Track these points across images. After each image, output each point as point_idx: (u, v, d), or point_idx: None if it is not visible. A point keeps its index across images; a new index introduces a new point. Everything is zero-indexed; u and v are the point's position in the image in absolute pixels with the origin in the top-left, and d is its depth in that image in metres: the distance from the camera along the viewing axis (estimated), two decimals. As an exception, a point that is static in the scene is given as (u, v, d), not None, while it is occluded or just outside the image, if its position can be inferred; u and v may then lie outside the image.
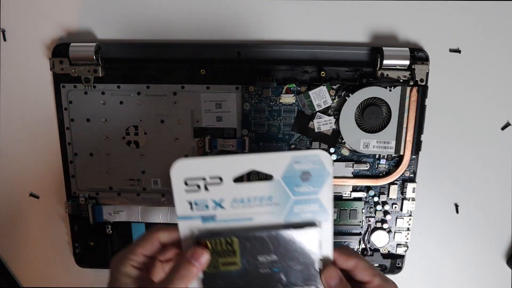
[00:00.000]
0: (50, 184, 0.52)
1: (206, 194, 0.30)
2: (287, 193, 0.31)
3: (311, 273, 0.32)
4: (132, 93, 0.47)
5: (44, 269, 0.55)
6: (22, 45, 0.48)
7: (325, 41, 0.48)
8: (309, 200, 0.31)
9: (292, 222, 0.31)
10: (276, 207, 0.31)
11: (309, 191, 0.31)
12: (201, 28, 0.48)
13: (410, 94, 0.46)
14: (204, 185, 0.30)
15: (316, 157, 0.30)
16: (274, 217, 0.31)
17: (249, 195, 0.31)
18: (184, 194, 0.30)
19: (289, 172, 0.30)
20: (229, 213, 0.31)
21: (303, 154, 0.30)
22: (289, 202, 0.31)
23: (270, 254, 0.31)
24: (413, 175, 0.49)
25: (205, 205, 0.31)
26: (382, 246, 0.51)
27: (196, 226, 0.31)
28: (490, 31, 0.47)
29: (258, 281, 0.32)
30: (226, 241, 0.31)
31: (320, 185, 0.31)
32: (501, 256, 0.54)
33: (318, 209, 0.31)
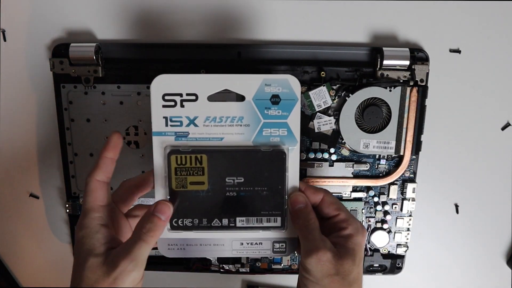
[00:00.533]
0: (50, 184, 0.52)
1: (181, 111, 0.32)
2: (257, 115, 0.32)
3: (277, 201, 0.33)
4: (132, 93, 0.47)
5: (44, 269, 0.55)
6: (22, 45, 0.48)
7: (325, 41, 0.48)
8: (278, 124, 0.32)
9: (261, 144, 0.33)
10: (246, 128, 0.32)
11: (278, 114, 0.32)
12: (201, 28, 0.48)
13: (410, 94, 0.46)
14: (180, 101, 0.31)
15: (285, 81, 0.32)
16: (243, 137, 0.33)
17: (221, 114, 0.32)
18: (161, 109, 0.32)
19: (260, 94, 0.32)
20: (201, 131, 0.32)
21: (273, 78, 0.31)
22: (259, 124, 0.32)
23: (238, 175, 0.32)
24: (413, 175, 0.49)
25: (179, 121, 0.32)
26: (382, 246, 0.51)
27: (169, 142, 0.32)
28: (490, 31, 0.47)
29: (224, 205, 0.33)
30: (196, 157, 0.32)
31: (289, 110, 0.32)
32: (501, 256, 0.54)
33: (285, 133, 0.33)
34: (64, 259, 0.54)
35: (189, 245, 0.34)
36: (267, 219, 0.33)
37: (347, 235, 0.33)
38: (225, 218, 0.33)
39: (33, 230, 0.54)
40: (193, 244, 0.34)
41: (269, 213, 0.33)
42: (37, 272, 0.55)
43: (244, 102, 0.32)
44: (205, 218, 0.33)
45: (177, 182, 0.32)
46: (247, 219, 0.33)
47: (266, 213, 0.33)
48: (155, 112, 0.32)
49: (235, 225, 0.33)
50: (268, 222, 0.34)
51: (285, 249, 0.35)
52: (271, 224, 0.34)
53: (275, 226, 0.34)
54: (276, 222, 0.34)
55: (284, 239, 0.35)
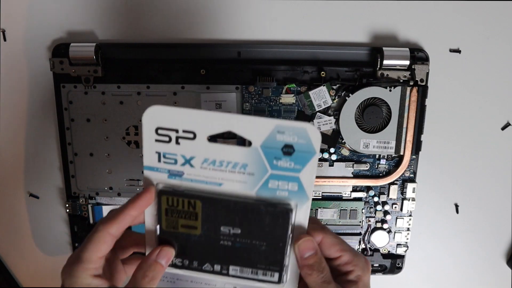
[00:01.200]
0: (50, 184, 0.52)
1: (177, 148, 0.28)
2: (264, 165, 0.27)
3: (277, 258, 0.30)
4: (132, 93, 0.47)
5: (44, 269, 0.55)
6: (22, 45, 0.48)
7: (325, 41, 0.48)
8: (288, 177, 0.28)
9: (265, 196, 0.28)
10: (250, 177, 0.28)
11: (289, 167, 0.27)
12: (201, 28, 0.48)
13: (410, 94, 0.46)
14: (176, 137, 0.27)
15: (303, 130, 0.26)
16: (245, 187, 0.28)
17: (222, 158, 0.28)
18: (153, 143, 0.28)
19: (270, 142, 0.27)
20: (198, 173, 0.28)
21: (289, 125, 0.26)
22: (265, 175, 0.28)
23: (234, 226, 0.29)
24: (413, 175, 0.49)
25: (174, 159, 0.28)
26: (382, 246, 0.51)
27: (162, 179, 0.29)
28: (490, 31, 0.47)
29: (216, 252, 0.30)
30: (189, 202, 0.29)
31: (303, 163, 0.27)
32: (501, 256, 0.54)
33: (296, 189, 0.28)
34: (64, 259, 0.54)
35: (179, 280, 0.33)
36: (263, 273, 0.30)
37: (356, 278, 0.30)
38: (217, 264, 0.30)
39: (33, 230, 0.54)
40: (183, 279, 0.33)
41: (266, 267, 0.30)
42: (37, 272, 0.55)
43: (250, 148, 0.27)
44: (196, 261, 0.30)
45: (167, 223, 0.29)
46: (241, 269, 0.30)
47: (262, 266, 0.30)
48: (147, 146, 0.28)
49: (228, 273, 0.30)
50: (264, 276, 0.30)
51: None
52: (267, 278, 0.30)
53: (271, 281, 0.30)
54: (273, 277, 0.30)
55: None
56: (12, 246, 0.54)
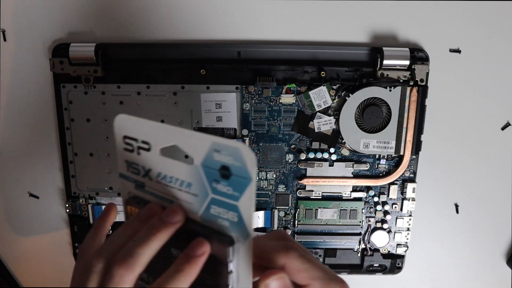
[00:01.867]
0: (50, 184, 0.52)
1: (138, 158, 0.28)
2: (205, 187, 0.26)
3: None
4: (132, 93, 0.47)
5: (44, 269, 0.55)
6: (22, 45, 0.48)
7: (325, 41, 0.48)
8: (227, 204, 0.25)
9: (208, 222, 0.26)
10: (194, 198, 0.26)
11: (227, 192, 0.25)
12: (201, 28, 0.48)
13: (410, 94, 0.46)
14: (137, 147, 0.28)
15: (236, 150, 0.23)
16: (191, 208, 0.27)
17: (171, 174, 0.27)
18: (122, 151, 0.28)
19: (209, 161, 0.25)
20: (155, 186, 0.28)
21: (223, 143, 0.24)
22: (207, 198, 0.26)
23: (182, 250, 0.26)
24: (413, 175, 0.49)
25: (137, 169, 0.28)
26: (382, 246, 0.51)
27: (131, 189, 0.29)
28: (490, 31, 0.47)
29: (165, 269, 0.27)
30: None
31: (240, 190, 0.24)
32: (501, 256, 0.54)
33: (236, 220, 0.25)
34: (64, 259, 0.54)
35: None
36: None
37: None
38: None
39: (33, 230, 0.54)
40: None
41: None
42: (37, 272, 0.55)
43: (192, 165, 0.25)
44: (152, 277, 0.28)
45: None
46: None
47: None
48: (118, 153, 0.29)
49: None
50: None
51: None
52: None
53: None
54: None
55: None
56: (12, 246, 0.54)
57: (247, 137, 0.48)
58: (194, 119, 0.48)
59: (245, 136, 0.48)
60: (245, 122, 0.48)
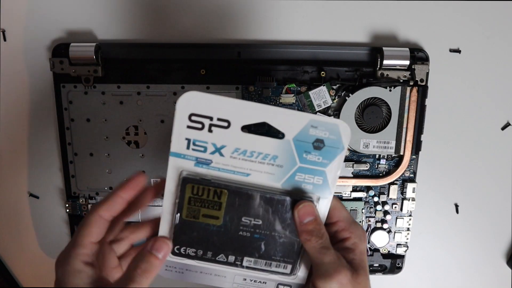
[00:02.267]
0: (50, 184, 0.52)
1: (208, 136, 0.27)
2: (294, 158, 0.28)
3: (294, 250, 0.30)
4: (132, 93, 0.47)
5: (44, 269, 0.55)
6: (22, 45, 0.48)
7: (325, 41, 0.48)
8: (315, 171, 0.28)
9: (290, 189, 0.29)
10: (278, 169, 0.28)
11: (317, 161, 0.28)
12: (201, 28, 0.48)
13: (410, 94, 0.46)
14: (209, 125, 0.27)
15: (335, 126, 0.27)
16: (272, 178, 0.29)
17: (253, 149, 0.28)
18: (184, 129, 0.27)
19: (302, 136, 0.27)
20: (227, 162, 0.28)
21: (323, 120, 0.27)
22: (294, 168, 0.28)
23: (256, 217, 0.29)
24: (413, 175, 0.49)
25: (204, 147, 0.28)
26: (382, 246, 0.51)
27: (187, 167, 0.28)
28: (490, 31, 0.47)
29: (234, 243, 0.30)
30: (215, 191, 0.28)
31: (330, 158, 0.28)
32: (501, 256, 0.54)
33: (320, 183, 0.29)
34: (64, 259, 0.54)
35: (189, 270, 0.32)
36: (276, 265, 0.31)
37: (352, 245, 0.30)
38: (232, 255, 0.30)
39: (33, 230, 0.54)
40: (192, 270, 0.32)
41: (280, 259, 0.30)
42: (37, 272, 0.55)
43: (282, 140, 0.27)
44: (211, 252, 0.30)
45: (189, 212, 0.29)
46: (255, 260, 0.31)
47: (277, 258, 0.30)
48: (177, 132, 0.27)
49: (241, 264, 0.31)
50: (277, 268, 0.31)
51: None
52: (280, 270, 0.31)
53: (284, 273, 0.31)
54: (286, 269, 0.31)
55: (290, 283, 0.32)
56: (12, 246, 0.54)
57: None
58: (194, 119, 0.48)
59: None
60: (245, 122, 0.48)
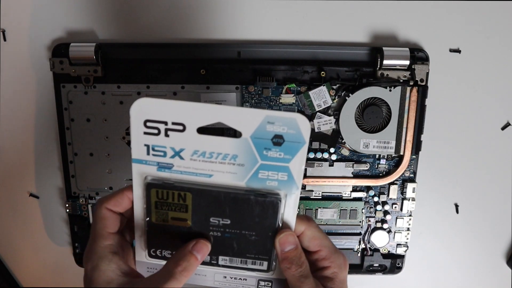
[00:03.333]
0: (50, 184, 0.52)
1: (166, 140, 0.27)
2: (255, 155, 0.28)
3: (267, 247, 0.30)
4: (132, 93, 0.47)
5: (44, 269, 0.55)
6: (22, 45, 0.48)
7: (325, 41, 0.48)
8: (278, 167, 0.28)
9: (254, 187, 0.29)
10: (240, 168, 0.28)
11: (279, 157, 0.28)
12: (201, 28, 0.48)
13: (410, 94, 0.46)
14: (165, 129, 0.27)
15: (293, 120, 0.26)
16: (235, 178, 0.28)
17: (212, 150, 0.28)
18: (141, 136, 0.27)
19: (260, 133, 0.27)
20: (187, 165, 0.28)
21: (279, 115, 0.26)
22: (255, 165, 0.28)
23: (224, 217, 0.29)
24: (413, 175, 0.49)
25: (163, 151, 0.28)
26: (382, 246, 0.51)
27: (150, 172, 0.28)
28: (490, 31, 0.47)
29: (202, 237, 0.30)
30: (179, 194, 0.29)
31: (292, 153, 0.27)
32: (501, 256, 0.54)
33: (285, 178, 0.28)
34: (64, 259, 0.54)
35: None
36: (252, 262, 0.31)
37: (332, 274, 0.30)
38: (207, 255, 0.30)
39: (33, 230, 0.54)
40: None
41: (255, 256, 0.31)
42: (37, 272, 0.55)
43: (240, 139, 0.27)
44: None
45: (157, 216, 0.29)
46: (230, 259, 0.31)
47: (252, 256, 0.31)
48: (135, 139, 0.27)
49: (217, 263, 0.31)
50: (253, 265, 0.31)
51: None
52: (256, 267, 0.31)
53: (260, 269, 0.31)
54: (262, 266, 0.31)
55: (270, 279, 0.32)
56: (12, 246, 0.54)
57: (247, 137, 0.48)
58: (194, 119, 0.48)
59: (245, 136, 0.48)
60: (245, 122, 0.48)
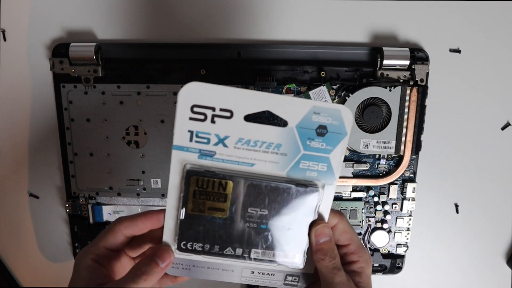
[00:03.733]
0: (50, 184, 0.52)
1: (211, 127, 0.27)
2: (298, 145, 0.28)
3: (301, 239, 0.30)
4: (132, 93, 0.47)
5: (44, 269, 0.55)
6: (22, 45, 0.48)
7: (325, 41, 0.48)
8: (319, 157, 0.28)
9: (295, 177, 0.29)
10: (282, 157, 0.28)
11: (321, 147, 0.28)
12: (201, 28, 0.48)
13: (410, 94, 0.46)
14: (212, 116, 0.26)
15: (337, 112, 0.27)
16: (277, 167, 0.28)
17: (257, 138, 0.27)
18: (186, 121, 0.27)
19: (305, 123, 0.27)
20: (230, 153, 0.28)
21: (325, 106, 0.27)
22: (298, 155, 0.28)
23: (262, 207, 0.29)
24: (413, 175, 0.49)
25: (207, 138, 0.27)
26: (382, 246, 0.51)
27: (191, 160, 0.28)
28: (490, 31, 0.47)
29: (241, 235, 0.30)
30: (220, 183, 0.28)
31: (334, 144, 0.28)
32: (501, 256, 0.54)
33: (325, 169, 0.29)
34: (64, 259, 0.54)
35: (196, 267, 0.32)
36: (284, 255, 0.31)
37: (359, 269, 0.31)
38: (239, 248, 0.30)
39: (33, 230, 0.54)
40: (200, 266, 0.32)
41: (288, 249, 0.30)
42: (37, 272, 0.55)
43: (285, 128, 0.27)
44: (218, 245, 0.30)
45: (194, 206, 0.29)
46: (263, 252, 0.30)
47: (285, 248, 0.30)
48: (180, 124, 0.27)
49: (249, 256, 0.30)
50: (285, 258, 0.31)
51: (297, 283, 0.32)
52: (288, 260, 0.31)
53: (292, 263, 0.31)
54: (294, 259, 0.31)
55: (298, 273, 0.32)
56: (12, 246, 0.54)
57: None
58: (194, 119, 0.48)
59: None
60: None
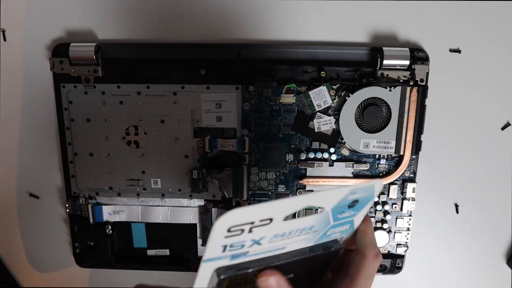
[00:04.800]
0: (50, 184, 0.52)
1: (248, 236, 0.26)
2: (329, 221, 0.28)
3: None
4: (132, 93, 0.47)
5: (44, 269, 0.55)
6: (22, 45, 0.48)
7: (325, 41, 0.48)
8: (344, 222, 0.28)
9: (320, 243, 0.29)
10: (313, 234, 0.28)
11: (349, 215, 0.28)
12: (201, 28, 0.48)
13: (410, 94, 0.46)
14: (250, 228, 0.26)
15: (371, 187, 0.27)
16: (306, 242, 0.28)
17: (292, 229, 0.27)
18: (221, 239, 0.25)
19: (340, 203, 0.27)
20: (264, 248, 0.27)
21: (361, 186, 0.26)
22: (327, 227, 0.28)
23: (288, 274, 0.29)
24: (413, 175, 0.49)
25: (241, 245, 0.26)
26: (382, 246, 0.51)
27: (222, 264, 0.27)
28: (490, 31, 0.47)
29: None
30: (248, 275, 0.28)
31: (360, 209, 0.28)
32: (501, 256, 0.54)
33: (347, 228, 0.29)
34: (64, 260, 0.54)
35: None
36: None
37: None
38: None
39: (33, 230, 0.54)
40: None
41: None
42: (37, 272, 0.55)
43: (321, 213, 0.27)
44: None
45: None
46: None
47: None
48: (214, 243, 0.25)
49: None
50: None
51: None
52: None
53: None
54: None
55: None
56: (12, 246, 0.54)
57: (247, 137, 0.48)
58: (194, 119, 0.48)
59: (245, 136, 0.48)
60: (245, 122, 0.48)
